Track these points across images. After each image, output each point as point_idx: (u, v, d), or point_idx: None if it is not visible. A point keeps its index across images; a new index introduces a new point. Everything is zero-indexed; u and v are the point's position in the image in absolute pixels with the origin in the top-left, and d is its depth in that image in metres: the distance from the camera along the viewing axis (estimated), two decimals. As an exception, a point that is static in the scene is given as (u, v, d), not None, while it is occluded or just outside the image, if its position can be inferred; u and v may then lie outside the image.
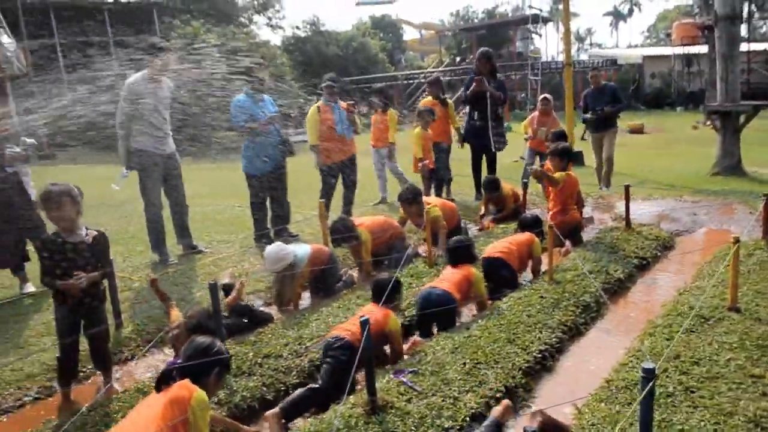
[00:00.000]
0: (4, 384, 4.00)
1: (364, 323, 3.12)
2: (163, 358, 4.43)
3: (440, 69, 37.50)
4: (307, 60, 34.72)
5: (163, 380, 2.74)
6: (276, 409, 3.45)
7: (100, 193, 9.54)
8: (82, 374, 4.17)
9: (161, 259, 6.40)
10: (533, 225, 5.78)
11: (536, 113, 9.78)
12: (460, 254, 4.89)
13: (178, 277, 5.90)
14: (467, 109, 9.17)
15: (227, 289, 4.90)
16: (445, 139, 9.07)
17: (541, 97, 9.95)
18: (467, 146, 9.18)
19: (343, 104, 7.66)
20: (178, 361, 2.92)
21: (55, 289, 3.76)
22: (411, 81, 37.69)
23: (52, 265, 3.76)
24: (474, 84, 8.56)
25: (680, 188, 9.20)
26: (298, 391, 3.58)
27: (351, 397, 3.46)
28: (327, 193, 7.70)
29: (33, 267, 5.59)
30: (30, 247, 5.56)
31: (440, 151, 8.83)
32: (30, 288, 5.73)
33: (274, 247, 5.01)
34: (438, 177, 8.69)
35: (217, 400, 3.52)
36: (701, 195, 8.56)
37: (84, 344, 4.02)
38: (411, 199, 6.33)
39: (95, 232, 3.90)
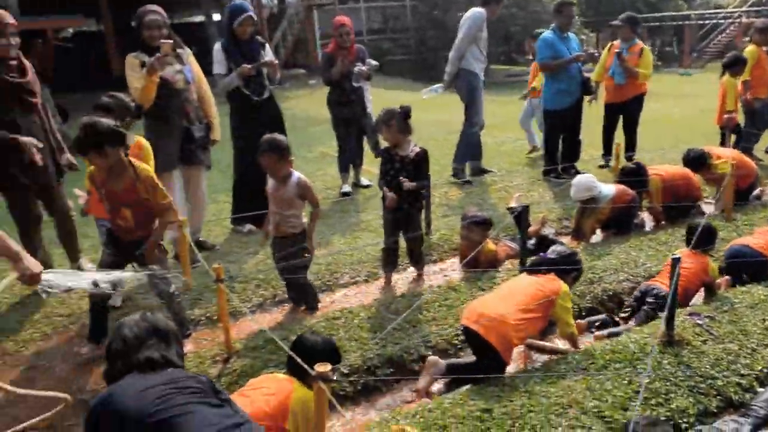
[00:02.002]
0: (342, 265, 4.93)
1: (676, 261, 3.32)
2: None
3: (743, 9, 33.36)
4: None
5: (533, 270, 3.64)
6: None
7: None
8: (400, 266, 4.93)
9: (458, 174, 7.06)
10: None
11: None
12: None
13: (474, 197, 6.49)
14: None
15: (512, 211, 5.30)
16: (764, 93, 8.20)
17: None
18: None
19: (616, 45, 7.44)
20: (549, 256, 3.69)
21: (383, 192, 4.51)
22: (706, 22, 34.14)
23: (384, 171, 4.51)
24: None
25: None
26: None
27: (645, 328, 3.71)
28: (609, 133, 7.68)
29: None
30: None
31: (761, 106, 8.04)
32: (346, 188, 6.85)
33: (585, 177, 5.31)
34: (740, 131, 7.98)
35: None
36: None
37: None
38: (697, 164, 6.08)
39: (418, 149, 4.49)
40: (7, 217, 4.59)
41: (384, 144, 4.65)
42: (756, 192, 6.41)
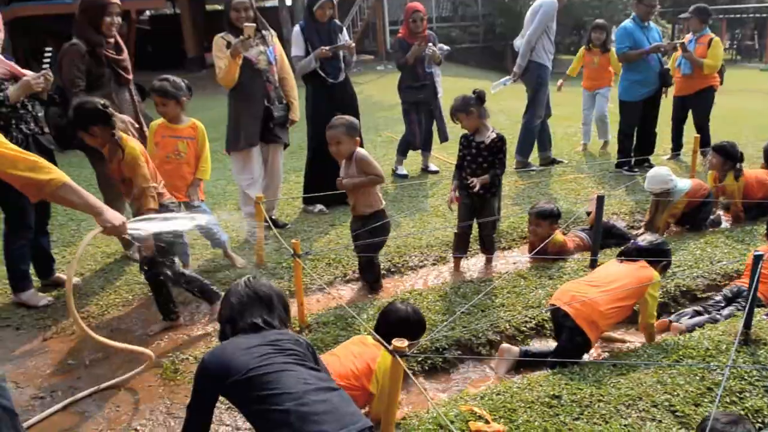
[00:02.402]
0: (411, 248, 4.99)
1: (757, 258, 3.24)
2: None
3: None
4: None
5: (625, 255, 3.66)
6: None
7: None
8: (469, 252, 4.95)
9: (523, 163, 7.04)
10: None
11: None
12: None
13: (543, 187, 6.44)
14: None
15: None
16: None
17: None
18: None
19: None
20: (640, 244, 3.67)
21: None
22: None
23: (461, 158, 4.54)
24: None
25: None
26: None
27: (720, 325, 3.64)
28: (677, 126, 7.54)
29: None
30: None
31: None
32: (402, 170, 7.08)
33: (661, 169, 5.21)
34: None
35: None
36: None
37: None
38: None
39: (495, 135, 4.48)
40: (89, 189, 4.81)
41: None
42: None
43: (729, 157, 5.48)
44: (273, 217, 5.46)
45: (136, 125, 4.48)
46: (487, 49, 22.38)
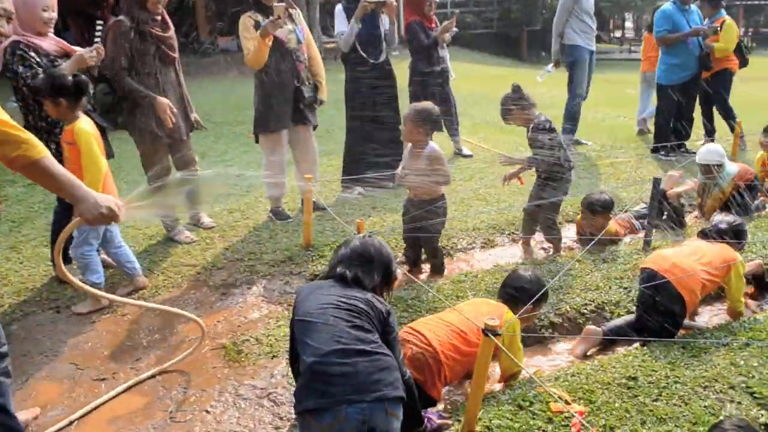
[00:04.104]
0: (458, 231, 4.95)
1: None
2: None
3: None
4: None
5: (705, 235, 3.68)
6: None
7: (488, 89, 10.40)
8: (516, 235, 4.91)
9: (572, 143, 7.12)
10: None
11: None
12: None
13: (580, 171, 6.40)
14: None
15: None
16: None
17: None
18: None
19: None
20: (719, 226, 3.67)
21: None
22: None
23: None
24: None
25: None
26: None
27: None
28: (706, 110, 7.50)
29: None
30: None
31: None
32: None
33: (716, 146, 5.22)
34: None
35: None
36: None
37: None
38: None
39: (531, 125, 4.39)
40: (134, 172, 4.73)
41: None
42: None
43: None
44: (312, 199, 5.39)
45: (175, 110, 4.41)
46: (502, 36, 22.23)
